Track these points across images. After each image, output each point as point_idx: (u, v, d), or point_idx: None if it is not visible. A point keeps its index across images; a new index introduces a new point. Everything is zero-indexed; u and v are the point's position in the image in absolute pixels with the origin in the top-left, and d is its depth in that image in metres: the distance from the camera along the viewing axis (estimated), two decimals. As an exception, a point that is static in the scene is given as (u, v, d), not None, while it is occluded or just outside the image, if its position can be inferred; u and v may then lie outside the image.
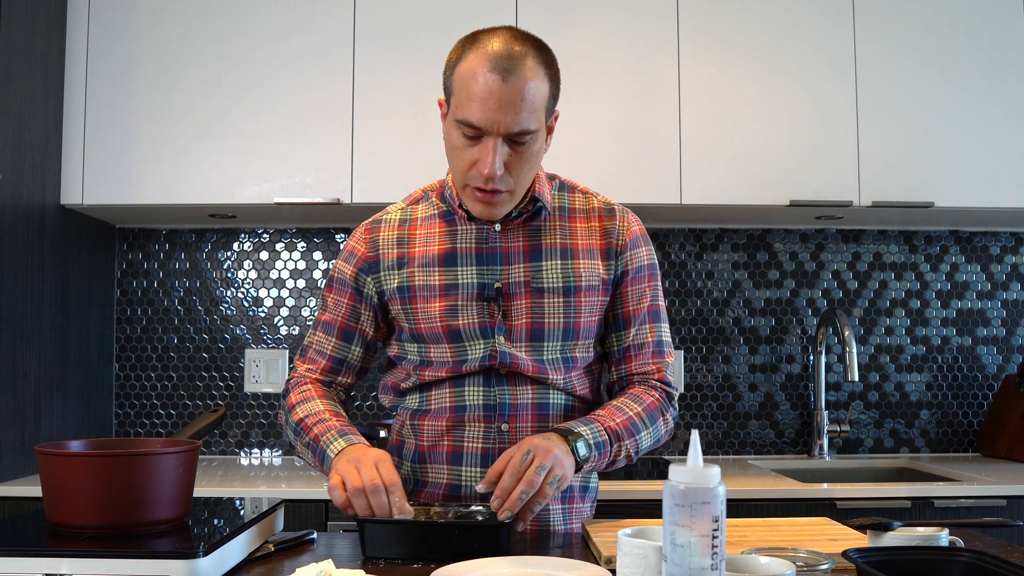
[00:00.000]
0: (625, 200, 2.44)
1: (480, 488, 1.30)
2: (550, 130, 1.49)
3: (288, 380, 1.57)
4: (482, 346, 1.45)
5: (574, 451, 1.33)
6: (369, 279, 1.50)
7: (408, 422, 1.52)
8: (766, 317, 2.84)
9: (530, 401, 1.46)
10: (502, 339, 1.45)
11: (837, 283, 2.86)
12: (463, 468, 1.46)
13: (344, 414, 1.48)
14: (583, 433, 1.36)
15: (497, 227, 1.47)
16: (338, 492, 1.29)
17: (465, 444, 1.46)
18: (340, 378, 1.55)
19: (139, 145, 2.43)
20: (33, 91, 2.30)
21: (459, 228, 1.48)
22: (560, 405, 1.49)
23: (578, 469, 1.35)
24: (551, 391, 1.48)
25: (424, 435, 1.49)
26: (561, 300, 1.46)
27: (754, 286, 2.85)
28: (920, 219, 2.73)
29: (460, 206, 1.47)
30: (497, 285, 1.45)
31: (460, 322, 1.44)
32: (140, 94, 2.44)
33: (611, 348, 1.54)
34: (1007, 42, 2.53)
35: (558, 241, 1.49)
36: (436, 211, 1.51)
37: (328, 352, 1.54)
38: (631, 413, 1.43)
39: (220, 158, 2.43)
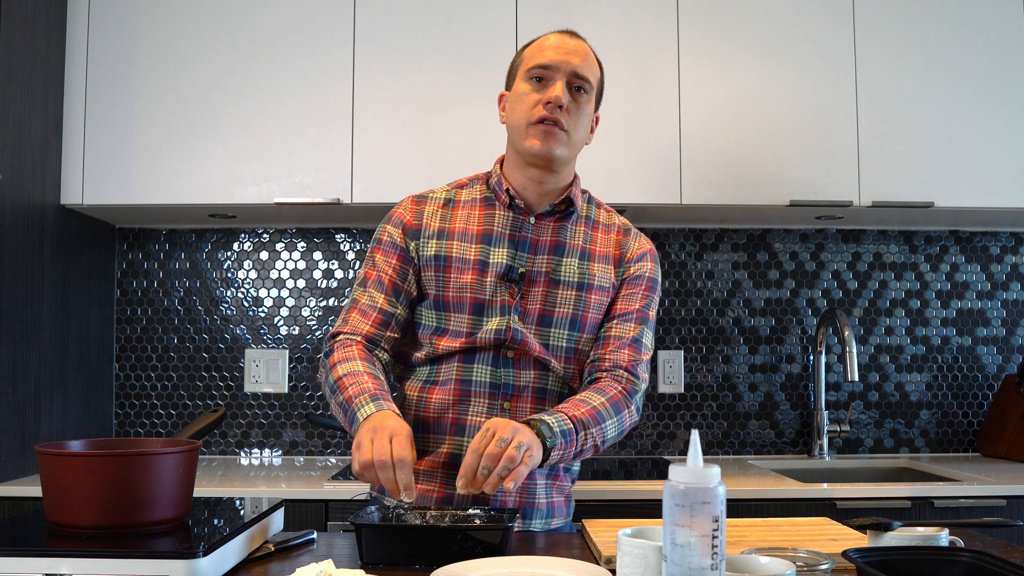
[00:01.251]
0: (625, 200, 2.45)
1: (460, 489, 1.33)
2: (592, 129, 1.66)
3: (334, 338, 1.58)
4: (498, 321, 1.55)
5: (539, 433, 1.39)
6: (412, 244, 1.60)
7: (416, 393, 1.59)
8: (766, 317, 2.84)
9: (531, 384, 1.57)
10: (516, 318, 1.55)
11: (837, 283, 2.86)
12: (464, 439, 1.54)
13: (382, 378, 1.52)
14: (547, 420, 1.43)
15: (532, 219, 1.61)
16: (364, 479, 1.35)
17: (469, 417, 1.55)
18: (388, 333, 1.59)
19: (139, 145, 2.43)
20: (33, 91, 2.30)
21: (497, 213, 1.61)
22: (556, 392, 1.59)
23: (546, 455, 1.40)
24: (551, 377, 1.58)
25: (431, 406, 1.56)
26: (574, 293, 1.59)
27: (754, 286, 2.85)
28: (920, 219, 2.73)
29: (507, 191, 1.60)
30: (521, 270, 1.58)
31: (487, 297, 1.55)
32: (140, 94, 2.44)
33: (596, 334, 1.64)
34: (1007, 42, 2.53)
35: (580, 243, 1.62)
36: (479, 196, 1.64)
37: (379, 306, 1.58)
38: (595, 404, 1.51)
39: (220, 158, 2.43)
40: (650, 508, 2.09)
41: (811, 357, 2.83)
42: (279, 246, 2.81)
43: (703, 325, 2.83)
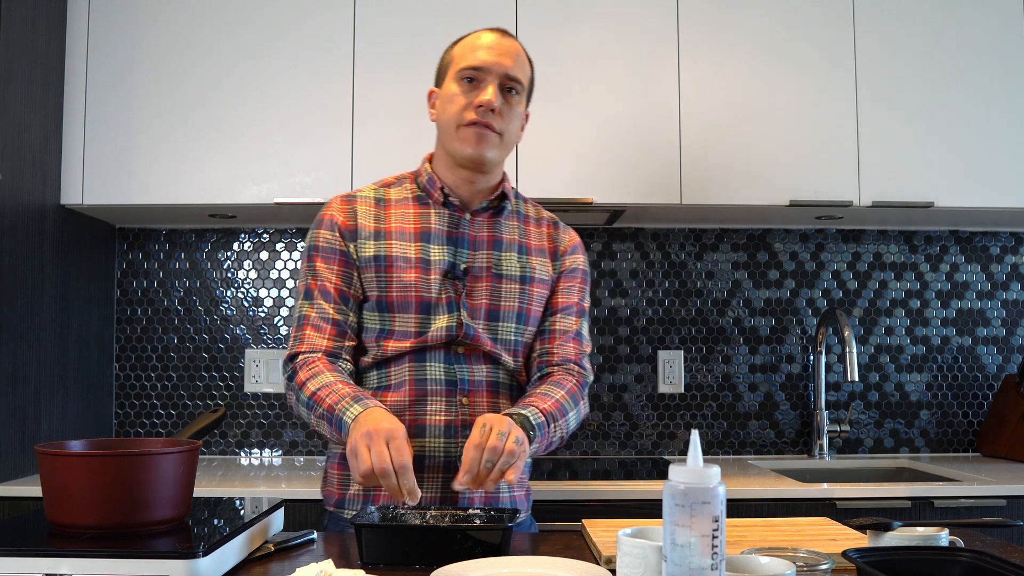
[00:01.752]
0: (625, 200, 2.45)
1: (457, 486, 1.35)
2: (522, 127, 1.67)
3: (293, 360, 1.55)
4: (447, 318, 1.55)
5: (522, 426, 1.42)
6: (351, 245, 1.58)
7: None
8: (766, 317, 2.84)
9: (485, 379, 1.58)
10: (465, 314, 1.56)
11: (837, 283, 2.86)
12: (427, 440, 1.53)
13: (353, 383, 1.51)
14: (524, 413, 1.45)
15: (467, 215, 1.61)
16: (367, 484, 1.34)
17: (428, 417, 1.54)
18: (346, 342, 1.57)
19: (139, 145, 2.43)
20: (33, 91, 2.30)
21: (433, 211, 1.61)
22: (507, 385, 1.62)
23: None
24: (502, 371, 1.61)
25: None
26: (517, 287, 1.61)
27: (754, 286, 2.85)
28: (920, 219, 2.73)
29: (441, 189, 1.60)
30: (464, 266, 1.58)
31: (432, 295, 1.55)
32: (140, 94, 2.44)
33: (539, 328, 1.67)
34: (1007, 42, 2.53)
35: (516, 238, 1.65)
36: (410, 194, 1.63)
37: (331, 316, 1.55)
38: (557, 397, 1.54)
39: (220, 158, 2.43)
40: (650, 508, 2.09)
41: (811, 357, 2.83)
42: (279, 246, 2.81)
43: (703, 325, 2.83)
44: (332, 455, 1.62)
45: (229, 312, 2.79)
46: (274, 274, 2.80)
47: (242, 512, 1.31)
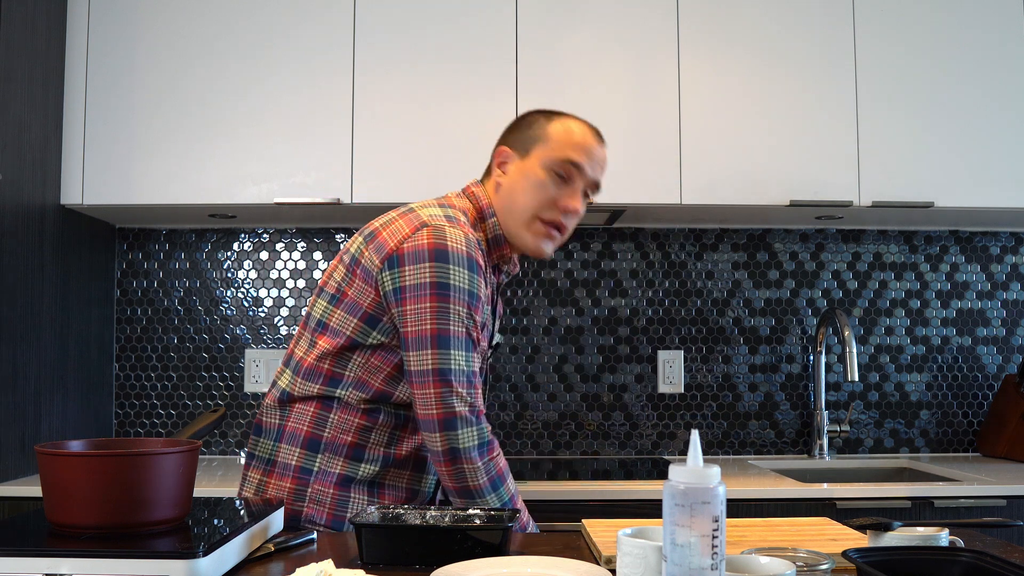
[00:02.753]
0: (625, 200, 2.45)
1: None
2: None
3: (481, 421, 1.44)
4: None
5: None
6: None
7: (389, 431, 1.51)
8: (766, 317, 2.84)
9: None
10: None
11: (837, 283, 2.86)
12: (425, 475, 1.56)
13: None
14: None
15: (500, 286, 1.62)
16: None
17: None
18: None
19: (139, 145, 2.43)
20: (33, 91, 2.30)
21: (488, 273, 1.55)
22: None
23: None
24: None
25: (403, 444, 1.53)
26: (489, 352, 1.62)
27: (754, 286, 2.85)
28: (920, 219, 2.73)
29: (500, 256, 1.58)
30: (495, 341, 1.61)
31: (484, 366, 1.56)
32: (140, 94, 2.44)
33: None
34: (1007, 42, 2.53)
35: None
36: (483, 247, 1.54)
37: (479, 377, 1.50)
38: None
39: (220, 158, 2.43)
40: (650, 508, 2.09)
41: (811, 357, 2.83)
42: (279, 246, 2.81)
43: (703, 325, 2.83)
44: (324, 472, 1.51)
45: (229, 312, 2.79)
46: (274, 274, 2.80)
47: (242, 512, 1.30)
